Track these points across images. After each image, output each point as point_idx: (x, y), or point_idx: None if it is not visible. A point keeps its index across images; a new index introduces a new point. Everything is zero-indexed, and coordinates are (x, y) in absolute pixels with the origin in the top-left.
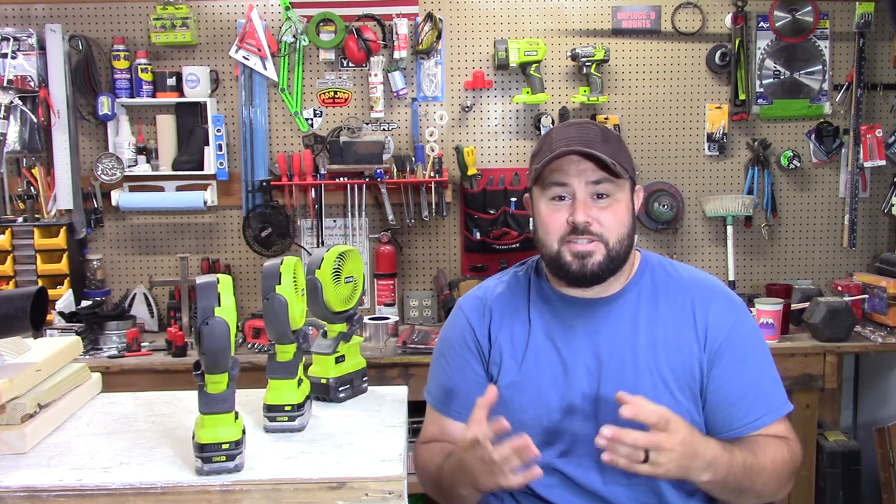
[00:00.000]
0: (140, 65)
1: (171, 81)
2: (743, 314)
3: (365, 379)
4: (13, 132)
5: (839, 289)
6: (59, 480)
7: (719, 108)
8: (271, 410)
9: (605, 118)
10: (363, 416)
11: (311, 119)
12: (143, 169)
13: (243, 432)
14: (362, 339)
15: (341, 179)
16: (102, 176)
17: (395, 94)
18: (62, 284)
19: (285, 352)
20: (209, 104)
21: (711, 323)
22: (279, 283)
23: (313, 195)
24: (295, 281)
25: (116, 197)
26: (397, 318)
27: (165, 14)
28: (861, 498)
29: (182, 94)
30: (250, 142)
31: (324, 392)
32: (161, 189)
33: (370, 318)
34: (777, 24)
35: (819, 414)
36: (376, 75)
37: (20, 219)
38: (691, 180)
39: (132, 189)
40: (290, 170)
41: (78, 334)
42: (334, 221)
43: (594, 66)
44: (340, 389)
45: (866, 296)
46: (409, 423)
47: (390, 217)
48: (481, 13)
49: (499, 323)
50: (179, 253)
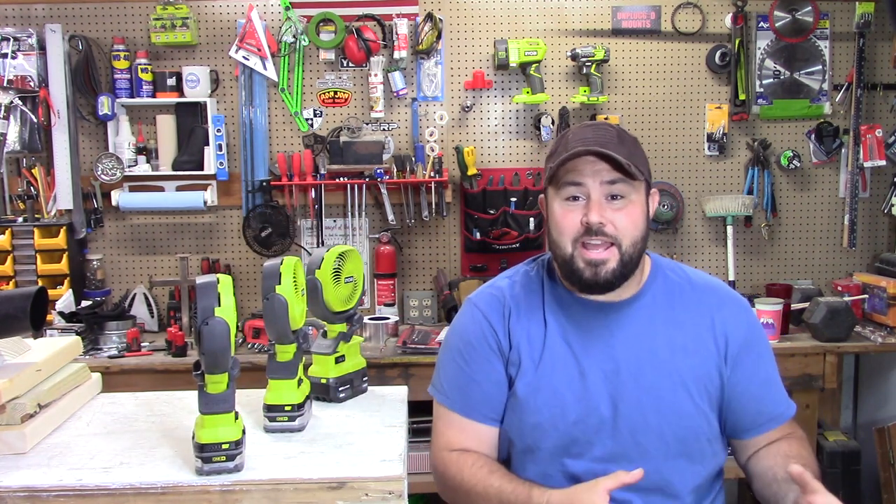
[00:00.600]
0: (140, 65)
1: (171, 81)
2: (752, 315)
3: (365, 379)
4: (13, 132)
5: (839, 289)
6: (59, 480)
7: (719, 108)
8: (271, 410)
9: (605, 118)
10: (363, 416)
11: (311, 119)
12: (143, 169)
13: (243, 432)
14: (362, 339)
15: (341, 179)
16: (102, 176)
17: (395, 94)
18: (62, 284)
19: (285, 352)
20: (209, 104)
21: (730, 326)
22: (279, 283)
23: (313, 195)
24: (295, 281)
25: (116, 197)
26: (397, 318)
27: (165, 14)
28: (861, 498)
29: (182, 94)
30: (250, 142)
31: (324, 392)
32: (161, 189)
33: (370, 318)
34: (777, 24)
35: (819, 414)
36: (376, 75)
37: (20, 219)
38: (691, 180)
39: (132, 189)
40: (290, 170)
41: (78, 334)
42: (334, 221)
43: (594, 66)
44: (340, 389)
45: (866, 296)
46: (409, 423)
47: (390, 217)
48: (481, 13)
49: (516, 322)
50: (179, 253)
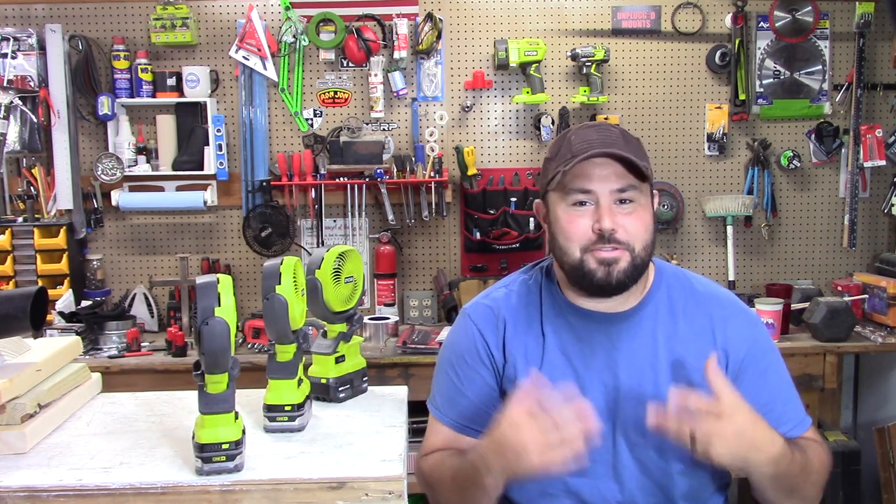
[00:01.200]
0: (140, 65)
1: (171, 81)
2: (761, 328)
3: (365, 379)
4: (13, 132)
5: (839, 289)
6: (59, 480)
7: (719, 108)
8: (271, 410)
9: (605, 118)
10: (363, 416)
11: (311, 119)
12: (143, 169)
13: (243, 432)
14: (362, 339)
15: (341, 179)
16: (102, 176)
17: (395, 94)
18: (62, 284)
19: (285, 352)
20: (209, 104)
21: (732, 340)
22: (279, 283)
23: (313, 195)
24: (295, 281)
25: (116, 197)
26: (397, 318)
27: (165, 14)
28: (861, 498)
29: (182, 94)
30: (250, 142)
31: (324, 392)
32: (161, 189)
33: (370, 318)
34: (777, 24)
35: (819, 414)
36: (376, 75)
37: (20, 219)
38: (691, 180)
39: (132, 189)
40: (290, 170)
41: (78, 334)
42: (334, 221)
43: (594, 66)
44: (340, 389)
45: (866, 296)
46: (409, 423)
47: (390, 217)
48: (481, 13)
49: (512, 336)
50: (179, 253)
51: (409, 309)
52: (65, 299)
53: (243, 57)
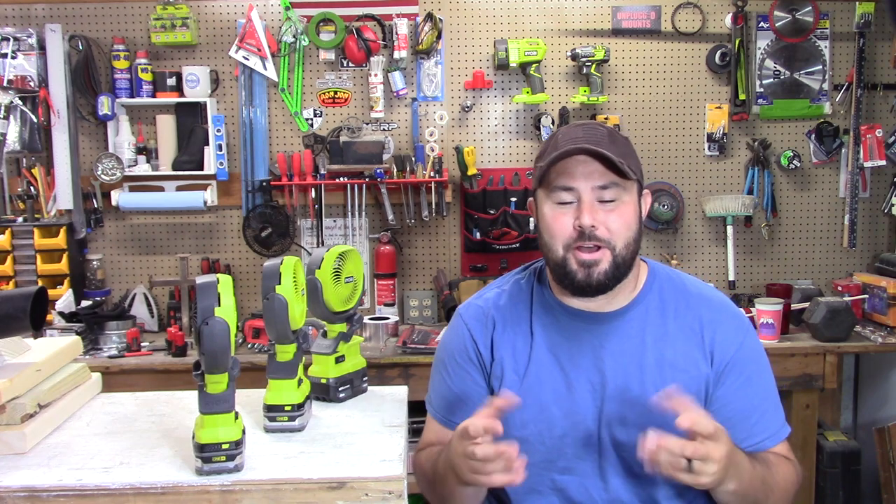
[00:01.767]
0: (140, 65)
1: (171, 81)
2: (750, 335)
3: (365, 379)
4: (13, 132)
5: (839, 289)
6: (59, 480)
7: (719, 108)
8: (271, 410)
9: (605, 118)
10: (363, 416)
11: (311, 119)
12: (143, 169)
13: (243, 432)
14: (362, 339)
15: (341, 179)
16: (102, 176)
17: (395, 94)
18: (62, 284)
19: (285, 352)
20: (209, 104)
21: (719, 342)
22: (279, 283)
23: (313, 195)
24: (295, 281)
25: (116, 197)
26: (397, 318)
27: (165, 14)
28: (861, 498)
29: (182, 94)
30: (250, 142)
31: (324, 392)
32: (161, 189)
33: (370, 318)
34: (777, 24)
35: (819, 414)
36: (376, 75)
37: (20, 219)
38: (691, 180)
39: (132, 189)
40: (290, 170)
41: (78, 334)
42: (334, 221)
43: (594, 66)
44: (340, 389)
45: (866, 296)
46: (409, 423)
47: (390, 217)
48: (481, 13)
49: (501, 334)
50: (179, 253)
51: (409, 309)
52: (65, 299)
53: (243, 57)
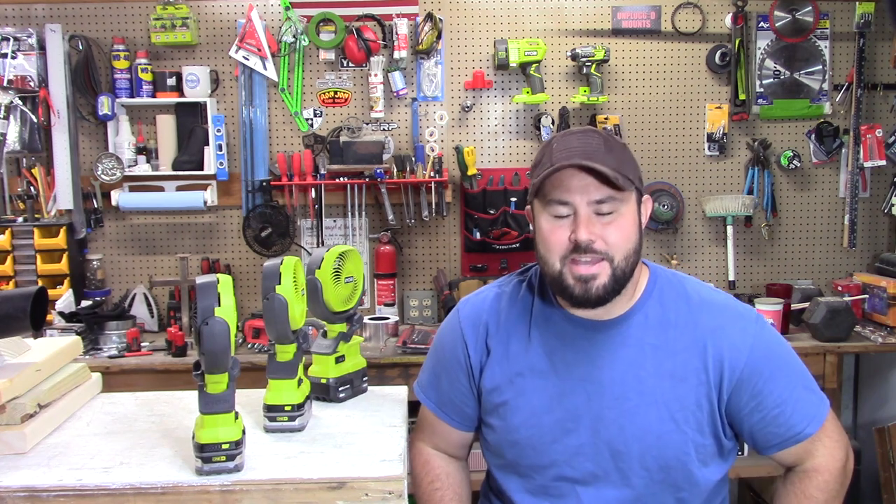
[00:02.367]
0: (140, 65)
1: (171, 81)
2: (759, 331)
3: (365, 379)
4: (13, 132)
5: (839, 289)
6: (59, 480)
7: (719, 108)
8: (271, 410)
9: (605, 118)
10: (363, 416)
11: (311, 119)
12: (143, 169)
13: (243, 432)
14: (362, 339)
15: (341, 179)
16: (102, 176)
17: (395, 94)
18: (62, 284)
19: (285, 352)
20: (209, 104)
21: (727, 351)
22: (279, 283)
23: (313, 195)
24: (295, 281)
25: (116, 197)
26: (397, 318)
27: (165, 14)
28: (861, 498)
29: (182, 94)
30: (250, 142)
31: (324, 392)
32: (161, 189)
33: (370, 318)
34: (777, 24)
35: None
36: (376, 75)
37: (20, 219)
38: (691, 180)
39: (132, 189)
40: (290, 170)
41: (78, 334)
42: (334, 221)
43: (594, 66)
44: (340, 389)
45: (866, 296)
46: (409, 422)
47: (390, 217)
48: (481, 13)
49: (494, 338)
50: (179, 253)
51: (409, 309)
52: (65, 299)
53: (243, 57)
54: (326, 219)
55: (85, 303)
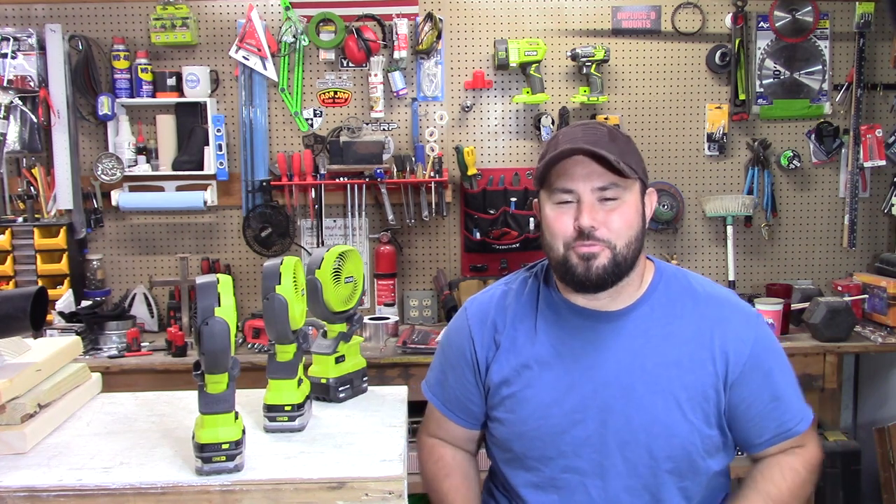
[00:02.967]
0: (140, 65)
1: (171, 81)
2: (761, 327)
3: (365, 379)
4: (13, 132)
5: (839, 289)
6: (59, 480)
7: (719, 108)
8: (271, 410)
9: (605, 118)
10: (363, 416)
11: (311, 119)
12: (143, 169)
13: (243, 432)
14: (362, 339)
15: (341, 179)
16: (102, 176)
17: (395, 94)
18: (62, 284)
19: (285, 352)
20: (209, 104)
21: (732, 343)
22: (279, 283)
23: (313, 195)
24: (295, 281)
25: (116, 197)
26: (397, 318)
27: (165, 14)
28: (861, 498)
29: (182, 94)
30: (250, 142)
31: (324, 392)
32: (161, 189)
33: (370, 318)
34: (777, 24)
35: (819, 414)
36: (376, 75)
37: (20, 219)
38: (691, 180)
39: (132, 189)
40: (290, 170)
41: (78, 334)
42: (334, 221)
43: (594, 66)
44: (340, 389)
45: (866, 296)
46: (409, 422)
47: (390, 217)
48: (481, 13)
49: (502, 332)
50: (179, 253)
51: (409, 309)
52: (65, 299)
53: (243, 57)
54: (326, 219)
55: (85, 303)
